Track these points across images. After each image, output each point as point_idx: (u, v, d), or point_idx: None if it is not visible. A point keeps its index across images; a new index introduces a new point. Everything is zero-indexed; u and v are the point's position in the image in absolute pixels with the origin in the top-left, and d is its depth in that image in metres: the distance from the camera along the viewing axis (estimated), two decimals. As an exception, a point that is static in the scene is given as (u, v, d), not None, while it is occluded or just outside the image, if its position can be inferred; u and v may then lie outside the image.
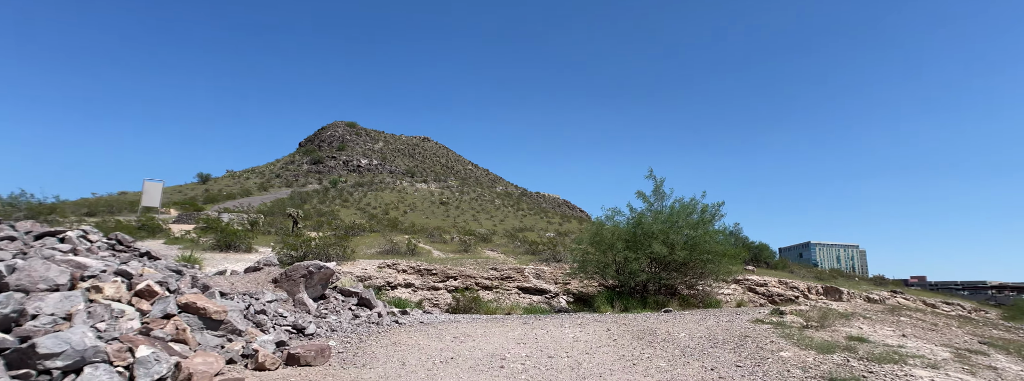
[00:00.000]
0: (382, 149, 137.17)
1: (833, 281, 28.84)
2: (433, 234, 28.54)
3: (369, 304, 9.28)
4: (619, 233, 16.01)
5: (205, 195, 70.25)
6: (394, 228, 38.37)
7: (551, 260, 20.88)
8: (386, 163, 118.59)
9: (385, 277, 16.00)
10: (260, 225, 26.84)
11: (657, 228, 15.25)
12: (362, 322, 8.34)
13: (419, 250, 22.21)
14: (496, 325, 9.45)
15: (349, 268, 16.45)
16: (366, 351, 6.32)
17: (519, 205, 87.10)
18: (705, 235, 14.99)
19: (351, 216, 54.78)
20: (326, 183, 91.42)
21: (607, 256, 15.97)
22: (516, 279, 18.31)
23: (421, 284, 16.56)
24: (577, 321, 10.22)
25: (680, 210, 15.68)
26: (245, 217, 27.86)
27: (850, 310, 11.20)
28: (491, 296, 17.18)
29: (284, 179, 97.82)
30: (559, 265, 20.22)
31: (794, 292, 22.95)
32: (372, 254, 21.05)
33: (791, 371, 6.16)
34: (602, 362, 6.34)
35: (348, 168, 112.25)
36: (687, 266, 15.87)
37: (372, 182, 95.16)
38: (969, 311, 27.43)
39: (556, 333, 8.40)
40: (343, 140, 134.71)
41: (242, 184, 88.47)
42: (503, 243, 27.70)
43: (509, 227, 52.92)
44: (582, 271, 16.50)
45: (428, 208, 72.59)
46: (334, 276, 8.94)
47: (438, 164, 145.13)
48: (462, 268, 17.85)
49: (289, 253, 16.54)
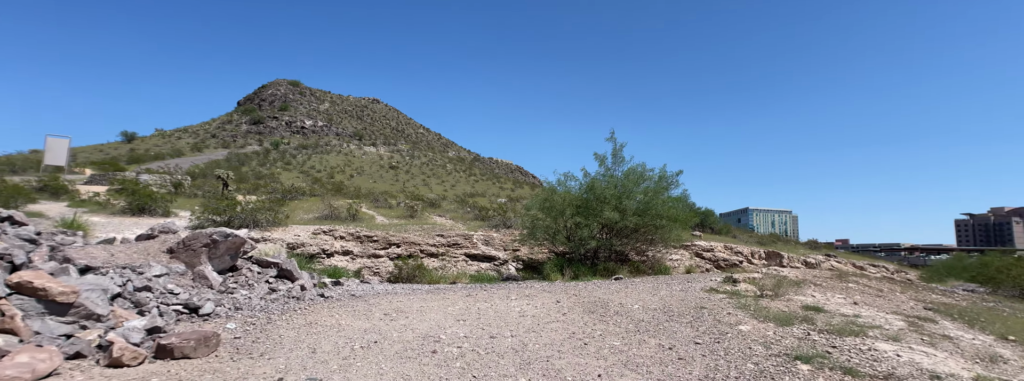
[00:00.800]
0: (328, 110, 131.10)
1: (773, 246, 29.82)
2: (378, 199, 27.18)
3: (290, 276, 8.17)
4: (570, 199, 15.36)
5: (130, 155, 64.99)
6: (338, 192, 36.54)
7: (501, 226, 20.14)
8: (332, 125, 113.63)
9: (320, 244, 14.78)
10: (185, 187, 24.60)
11: (610, 193, 14.67)
12: (279, 297, 7.26)
13: (361, 216, 20.92)
14: (436, 297, 8.59)
15: (280, 235, 15.08)
16: (272, 335, 5.30)
17: (471, 170, 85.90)
18: (659, 201, 14.55)
19: (293, 179, 52.08)
20: (267, 145, 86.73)
21: (558, 222, 15.34)
22: (464, 246, 17.49)
23: (361, 252, 15.45)
24: (525, 292, 9.52)
25: (637, 176, 15.12)
26: (169, 179, 25.45)
27: (800, 277, 11.07)
28: (437, 264, 16.31)
29: (221, 139, 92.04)
30: (509, 231, 19.52)
31: (739, 257, 23.38)
32: (309, 220, 19.61)
33: (753, 348, 5.63)
34: (550, 342, 5.60)
35: (291, 129, 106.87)
36: (638, 232, 15.49)
37: (317, 144, 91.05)
38: (892, 273, 29.05)
39: (501, 307, 7.63)
40: (286, 99, 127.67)
41: (173, 144, 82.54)
42: (453, 209, 26.73)
43: (460, 193, 51.88)
44: (532, 237, 15.85)
45: (377, 172, 70.25)
46: (247, 245, 7.74)
47: (388, 127, 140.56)
48: (406, 235, 16.82)
49: (211, 218, 14.95)
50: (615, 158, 15.91)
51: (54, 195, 20.19)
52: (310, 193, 30.87)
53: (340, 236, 15.74)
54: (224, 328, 5.33)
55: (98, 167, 43.55)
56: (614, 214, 13.93)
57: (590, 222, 14.44)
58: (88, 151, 71.59)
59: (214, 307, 5.87)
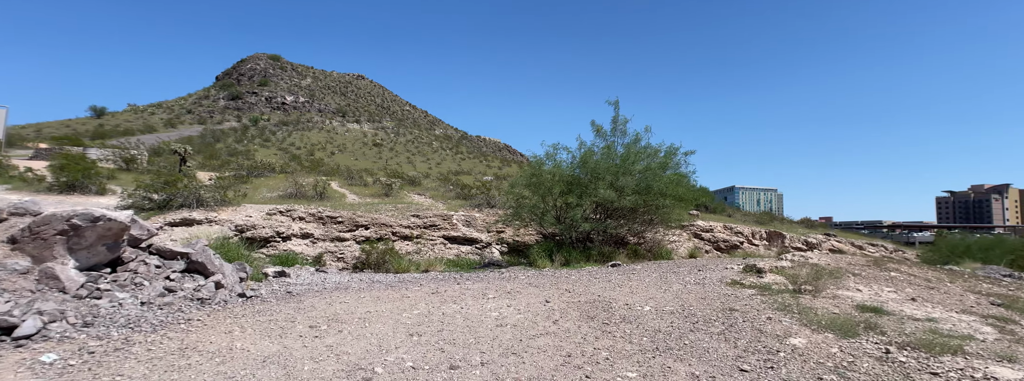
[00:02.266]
0: (310, 86, 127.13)
1: (771, 224, 28.40)
2: (353, 176, 25.16)
3: (203, 270, 6.30)
4: (560, 175, 13.54)
5: (96, 130, 61.75)
6: (314, 170, 34.41)
7: (484, 206, 18.33)
8: (314, 101, 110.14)
9: (275, 226, 12.87)
10: (139, 164, 22.34)
11: (607, 168, 12.88)
12: (175, 301, 5.41)
13: (330, 193, 18.97)
14: (394, 296, 6.80)
15: (228, 216, 13.13)
16: (102, 374, 3.46)
17: (458, 148, 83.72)
18: (662, 180, 12.79)
19: (270, 157, 49.68)
20: (246, 121, 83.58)
21: (546, 201, 13.56)
22: (442, 227, 15.68)
23: (323, 234, 13.58)
24: (506, 285, 7.76)
25: (639, 151, 13.29)
26: (120, 154, 23.14)
27: (832, 264, 9.44)
28: (411, 248, 14.52)
29: (197, 115, 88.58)
30: (493, 211, 17.73)
31: (739, 238, 21.90)
32: (271, 199, 17.63)
33: (824, 379, 3.94)
34: (537, 375, 3.84)
35: (271, 105, 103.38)
36: (636, 213, 13.78)
37: (298, 121, 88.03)
38: (891, 252, 27.92)
39: (474, 310, 5.86)
40: (266, 74, 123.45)
41: (145, 120, 79.07)
42: (434, 187, 24.82)
43: (445, 171, 49.90)
44: (516, 218, 14.08)
45: (359, 150, 67.86)
46: (140, 231, 5.86)
47: (373, 104, 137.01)
48: (377, 215, 14.94)
49: (146, 197, 12.93)
50: (616, 128, 14.04)
51: None
52: (281, 170, 28.73)
53: (299, 216, 13.82)
54: (36, 361, 3.47)
55: (56, 142, 40.78)
56: (610, 193, 12.17)
57: (583, 202, 12.68)
58: (54, 126, 68.03)
59: (43, 324, 4.02)
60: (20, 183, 14.73)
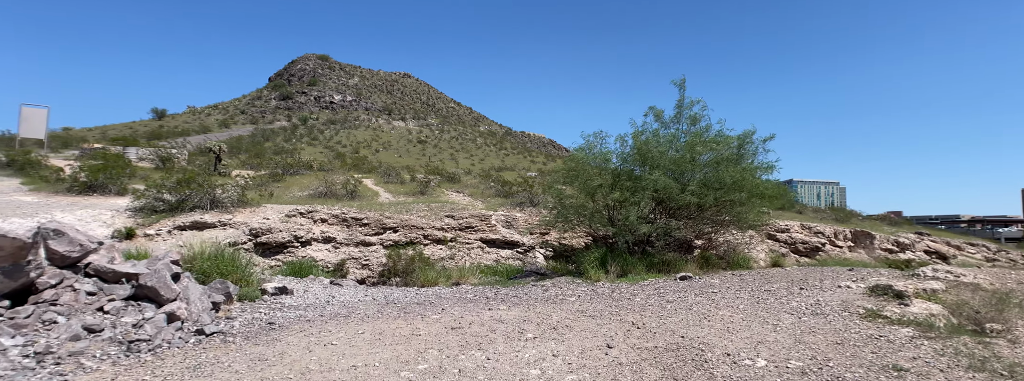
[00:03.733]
0: (357, 85, 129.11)
1: (850, 222, 25.11)
2: (390, 174, 23.93)
3: (156, 297, 4.80)
4: (607, 167, 11.52)
5: (156, 131, 64.06)
6: (355, 167, 33.66)
7: (527, 204, 16.54)
8: (361, 99, 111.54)
9: (293, 230, 11.53)
10: (175, 162, 21.88)
11: (668, 159, 10.79)
12: (90, 347, 3.90)
13: (362, 192, 17.68)
14: (402, 332, 5.10)
15: (244, 218, 11.91)
16: None
17: (502, 144, 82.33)
18: (739, 171, 10.58)
19: (315, 155, 49.78)
20: (295, 120, 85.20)
21: (595, 199, 11.59)
22: (479, 229, 14.00)
23: (346, 238, 12.15)
24: (551, 314, 5.92)
25: (709, 139, 11.11)
26: (157, 153, 22.79)
27: (995, 283, 7.04)
28: (444, 253, 12.91)
29: (249, 116, 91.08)
30: (536, 211, 15.90)
31: (820, 238, 19.13)
32: (300, 198, 16.49)
33: None
34: None
35: (320, 104, 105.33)
36: (703, 212, 11.60)
37: (346, 119, 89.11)
38: (994, 252, 24.19)
39: (505, 364, 4.07)
40: (315, 74, 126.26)
41: (202, 121, 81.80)
42: (473, 184, 23.23)
43: (488, 167, 48.48)
44: (561, 219, 12.10)
45: (403, 147, 67.60)
46: (35, 249, 4.43)
47: (418, 101, 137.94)
48: (407, 216, 13.41)
49: (159, 197, 11.88)
50: (680, 113, 11.86)
51: (19, 169, 17.69)
52: (319, 168, 27.95)
53: (321, 219, 12.45)
54: None
55: (115, 143, 41.99)
56: (673, 186, 10.09)
57: (638, 199, 10.62)
58: (118, 128, 71.24)
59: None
60: (41, 183, 14.11)
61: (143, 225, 10.85)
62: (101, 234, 10.16)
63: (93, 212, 11.13)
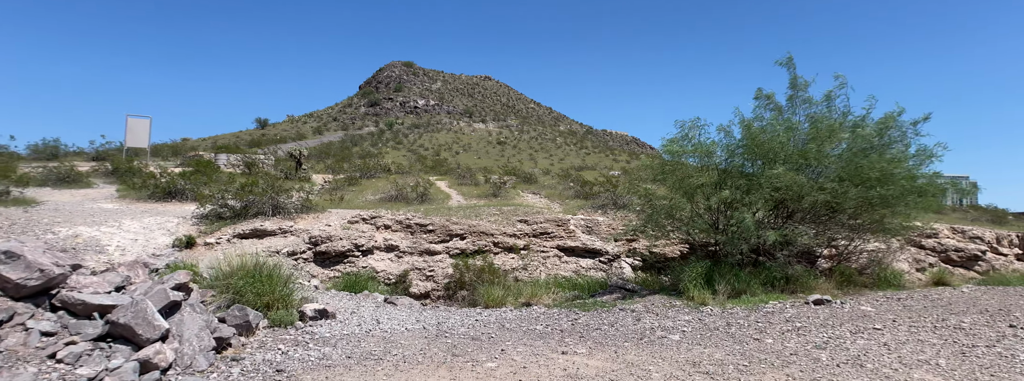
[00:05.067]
0: (440, 89, 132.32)
1: (1006, 223, 20.56)
2: (465, 175, 23.03)
3: (131, 336, 3.78)
4: (711, 162, 9.49)
5: (258, 139, 68.85)
6: (433, 169, 33.44)
7: (610, 207, 14.75)
8: (443, 103, 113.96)
9: (353, 237, 10.66)
10: (259, 167, 22.42)
11: (789, 148, 8.62)
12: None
13: (433, 195, 16.78)
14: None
15: (306, 224, 11.25)
16: None
17: (583, 143, 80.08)
18: (889, 162, 8.20)
19: (399, 158, 50.74)
20: (382, 125, 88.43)
21: (694, 201, 9.60)
22: (556, 235, 12.46)
23: (410, 246, 11.11)
24: (649, 369, 4.26)
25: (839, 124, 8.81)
26: (242, 159, 23.55)
27: None
28: (516, 262, 11.51)
29: (341, 122, 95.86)
30: (622, 214, 14.09)
31: (978, 245, 15.52)
32: (371, 202, 15.89)
33: None
34: None
35: (405, 109, 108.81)
36: (835, 214, 9.25)
37: (429, 123, 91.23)
38: None
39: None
40: (400, 81, 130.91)
41: (298, 128, 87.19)
42: (551, 185, 21.71)
43: (568, 166, 46.72)
44: (652, 224, 10.16)
45: (483, 148, 67.56)
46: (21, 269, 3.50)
47: (498, 103, 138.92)
48: (475, 221, 12.17)
49: (225, 204, 11.53)
50: (795, 96, 9.61)
51: (121, 178, 18.69)
52: (397, 171, 27.79)
53: (384, 225, 11.52)
54: None
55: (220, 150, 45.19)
56: (807, 184, 7.96)
57: (754, 199, 8.54)
58: (226, 138, 77.58)
59: None
60: (127, 190, 14.50)
61: (205, 233, 10.48)
62: (162, 243, 9.85)
63: (160, 219, 10.97)
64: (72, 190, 15.36)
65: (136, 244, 9.41)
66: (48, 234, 8.95)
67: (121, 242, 9.30)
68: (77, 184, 16.58)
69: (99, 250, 8.78)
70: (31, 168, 18.26)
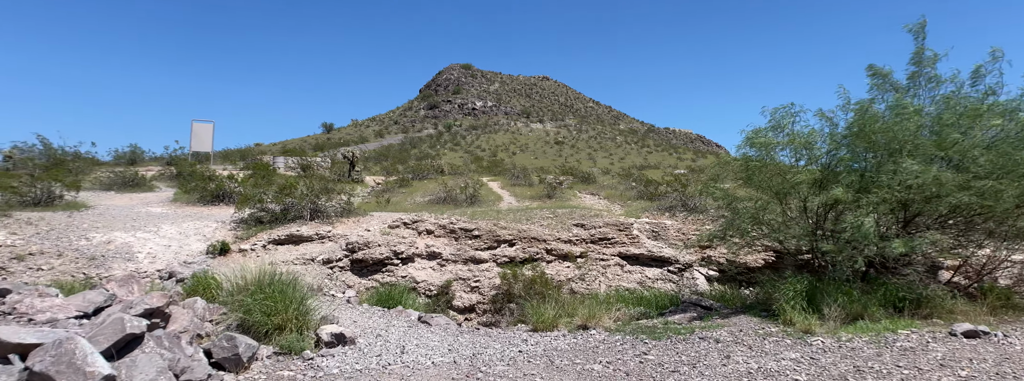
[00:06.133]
0: (497, 90, 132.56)
1: None
2: (519, 176, 21.91)
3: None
4: (812, 155, 7.76)
5: (323, 143, 71.14)
6: (489, 170, 32.64)
7: (678, 208, 13.13)
8: (501, 104, 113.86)
9: (392, 244, 9.76)
10: (313, 169, 22.37)
11: (920, 137, 6.81)
12: None
13: (484, 196, 15.75)
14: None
15: (344, 229, 10.49)
16: None
17: (644, 142, 77.11)
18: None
19: (456, 159, 50.53)
20: (440, 127, 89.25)
21: (787, 202, 7.92)
22: (617, 241, 11.05)
23: (454, 253, 10.08)
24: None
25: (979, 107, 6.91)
26: (298, 162, 23.62)
27: None
28: (572, 271, 10.22)
29: (401, 125, 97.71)
30: (694, 217, 12.45)
31: None
32: (419, 204, 15.09)
33: None
34: None
35: (463, 111, 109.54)
36: (977, 217, 7.30)
37: (486, 124, 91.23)
38: None
39: None
40: (459, 83, 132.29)
41: (361, 132, 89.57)
42: (610, 184, 20.16)
43: (629, 165, 44.64)
44: (734, 230, 8.52)
45: (540, 148, 66.38)
46: None
47: (556, 103, 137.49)
48: (526, 226, 10.98)
49: (264, 207, 10.98)
50: (919, 73, 7.71)
51: (181, 182, 19.03)
52: (452, 172, 27.12)
53: (426, 230, 10.56)
54: None
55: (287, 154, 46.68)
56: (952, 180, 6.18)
57: (873, 200, 6.77)
58: (294, 142, 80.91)
59: None
60: (182, 194, 14.45)
61: (241, 238, 9.93)
62: (196, 249, 9.35)
63: (200, 224, 10.56)
64: (132, 194, 15.56)
65: (168, 251, 8.95)
66: (82, 240, 8.63)
67: (153, 249, 8.85)
68: (140, 188, 16.88)
69: (128, 258, 8.34)
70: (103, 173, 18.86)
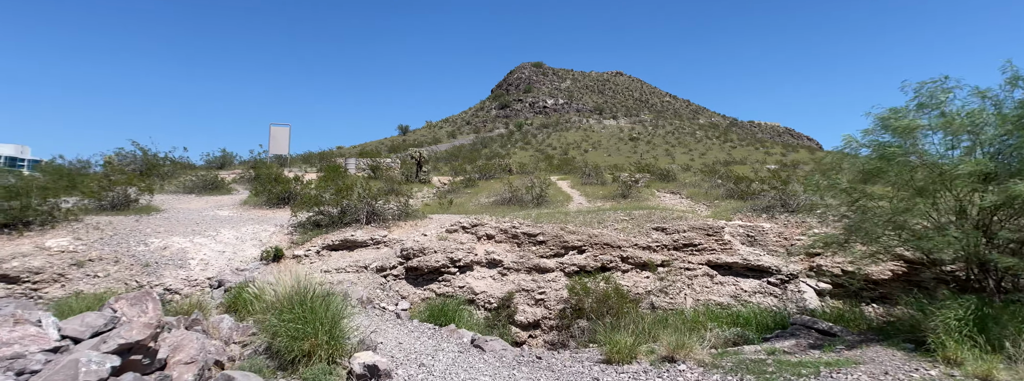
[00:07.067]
0: (569, 87, 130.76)
1: None
2: (590, 174, 20.57)
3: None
4: (979, 141, 5.91)
5: (398, 145, 73.10)
6: (559, 168, 31.48)
7: (778, 209, 11.32)
8: (573, 101, 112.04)
9: (449, 250, 8.91)
10: (383, 170, 22.31)
11: None
12: None
13: (552, 197, 14.64)
14: None
15: (401, 234, 9.80)
16: None
17: (727, 136, 72.41)
18: None
19: (526, 158, 49.78)
20: (511, 127, 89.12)
21: (936, 202, 6.15)
22: (705, 248, 9.54)
23: (516, 262, 9.07)
24: None
25: None
26: (367, 163, 23.71)
27: None
28: (652, 283, 8.87)
29: (473, 126, 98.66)
30: (797, 219, 10.62)
31: None
32: (483, 205, 14.28)
33: None
34: None
35: (534, 110, 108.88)
36: None
37: (557, 122, 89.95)
38: None
39: None
40: (529, 82, 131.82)
41: (435, 133, 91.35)
42: (693, 182, 18.32)
43: (711, 161, 41.68)
44: (859, 236, 6.82)
45: (614, 145, 64.13)
46: None
47: (630, 98, 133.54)
48: (597, 230, 9.75)
49: (321, 211, 10.55)
50: None
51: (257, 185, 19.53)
52: (520, 171, 26.23)
53: (486, 234, 9.63)
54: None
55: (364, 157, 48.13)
56: None
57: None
58: (372, 145, 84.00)
59: None
60: (252, 197, 14.57)
61: (296, 244, 9.52)
62: (250, 255, 9.01)
63: (259, 228, 10.31)
64: (210, 197, 15.95)
65: (222, 257, 8.65)
66: (140, 245, 8.52)
67: (207, 255, 8.58)
68: (219, 191, 17.34)
69: (181, 264, 8.08)
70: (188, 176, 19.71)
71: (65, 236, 8.40)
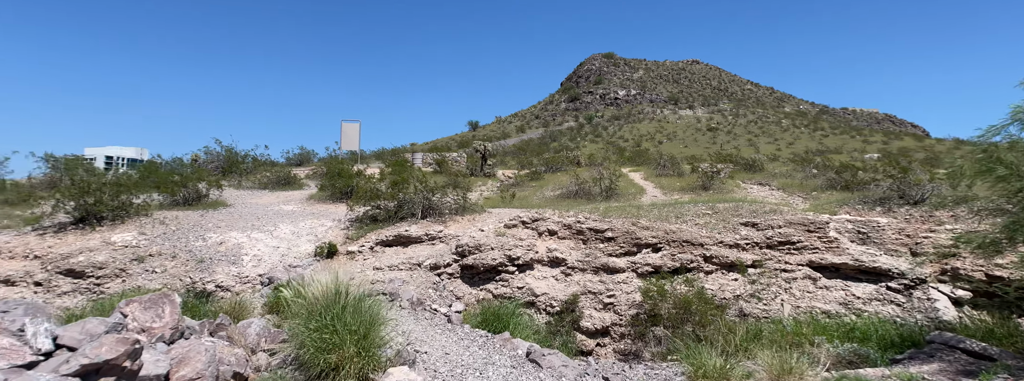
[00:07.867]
0: (642, 78, 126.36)
1: None
2: (664, 165, 19.07)
3: None
4: None
5: (467, 140, 73.68)
6: (629, 161, 29.92)
7: (895, 201, 9.55)
8: (646, 92, 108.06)
9: (507, 247, 8.15)
10: (448, 165, 22.02)
11: None
12: None
13: (623, 189, 13.48)
14: None
15: (457, 229, 9.16)
16: None
17: (817, 124, 66.59)
18: None
19: (596, 151, 48.27)
20: (581, 119, 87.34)
21: None
22: (806, 246, 8.12)
23: (581, 260, 8.14)
24: None
25: None
26: (433, 158, 23.51)
27: None
28: (742, 287, 7.63)
29: (542, 119, 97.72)
30: (922, 212, 8.86)
31: None
32: (548, 198, 13.42)
33: None
34: None
35: (605, 102, 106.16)
36: None
37: (630, 114, 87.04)
38: None
39: None
40: (600, 73, 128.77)
41: (504, 128, 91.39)
42: (784, 172, 16.39)
43: (800, 150, 38.20)
44: None
45: (690, 136, 60.82)
46: None
47: (708, 87, 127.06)
48: (674, 225, 8.59)
49: (377, 205, 10.14)
50: None
51: (327, 180, 19.85)
52: (589, 163, 25.06)
53: (548, 230, 8.76)
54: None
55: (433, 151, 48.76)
56: None
57: None
58: (443, 141, 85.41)
59: None
60: (318, 192, 14.60)
61: (351, 239, 9.15)
62: (304, 251, 8.74)
63: (316, 223, 10.09)
64: (281, 192, 16.24)
65: (276, 252, 8.42)
66: (198, 241, 8.47)
67: (261, 251, 8.38)
68: (291, 186, 17.70)
69: (234, 261, 7.91)
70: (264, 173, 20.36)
71: (132, 231, 8.51)
